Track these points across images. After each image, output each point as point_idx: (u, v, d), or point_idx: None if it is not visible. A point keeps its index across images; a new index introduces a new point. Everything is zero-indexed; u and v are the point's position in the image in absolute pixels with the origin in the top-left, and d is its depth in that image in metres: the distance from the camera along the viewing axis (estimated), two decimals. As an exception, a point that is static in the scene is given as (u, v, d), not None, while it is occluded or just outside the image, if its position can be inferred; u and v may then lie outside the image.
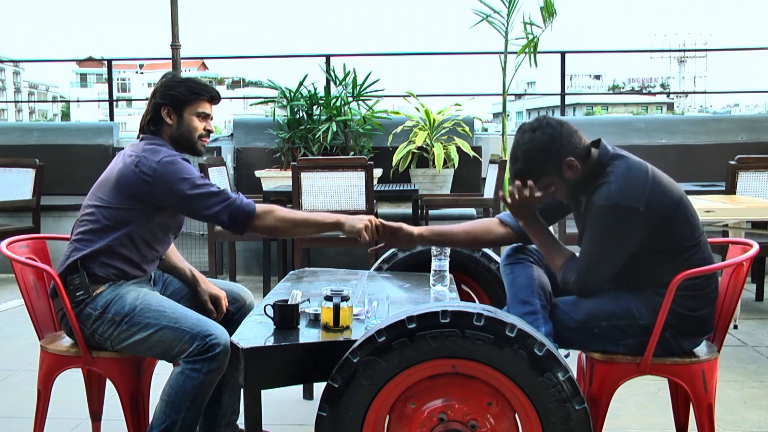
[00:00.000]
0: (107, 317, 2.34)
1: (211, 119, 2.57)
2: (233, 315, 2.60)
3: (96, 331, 2.35)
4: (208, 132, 2.56)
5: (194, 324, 2.29)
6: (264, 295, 3.91)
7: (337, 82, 6.65)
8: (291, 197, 4.89)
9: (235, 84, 60.46)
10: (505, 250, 2.57)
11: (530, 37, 6.13)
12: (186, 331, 2.28)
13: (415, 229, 2.59)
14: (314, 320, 2.24)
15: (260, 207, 2.43)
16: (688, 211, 2.26)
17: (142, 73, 66.08)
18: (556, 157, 2.24)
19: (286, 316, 2.17)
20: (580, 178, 2.27)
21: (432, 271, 2.47)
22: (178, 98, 2.48)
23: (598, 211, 2.19)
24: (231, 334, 2.19)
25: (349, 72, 6.57)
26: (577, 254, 2.30)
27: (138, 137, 2.53)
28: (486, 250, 3.02)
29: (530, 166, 2.27)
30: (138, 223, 2.40)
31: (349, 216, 2.52)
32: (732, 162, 4.89)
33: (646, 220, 2.17)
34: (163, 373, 2.55)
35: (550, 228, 2.47)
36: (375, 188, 5.05)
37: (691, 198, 4.46)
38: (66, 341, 2.46)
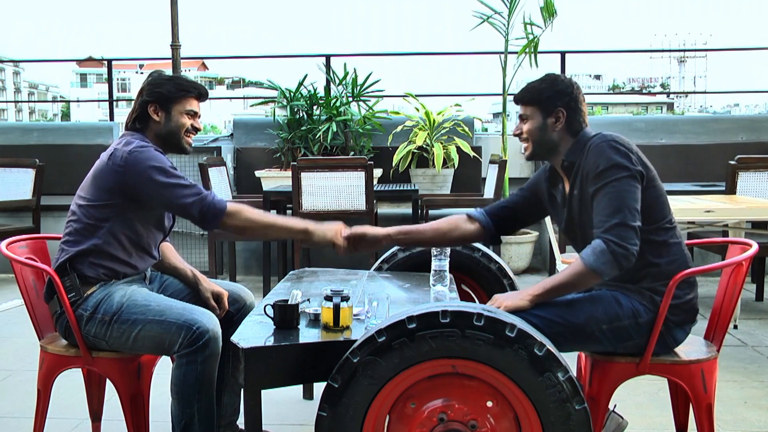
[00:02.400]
0: (98, 318, 2.34)
1: (199, 117, 2.57)
2: (234, 315, 2.60)
3: (89, 332, 2.36)
4: (195, 129, 2.55)
5: (179, 314, 2.30)
6: (264, 295, 3.91)
7: (337, 82, 6.66)
8: (291, 197, 4.89)
9: (235, 84, 60.43)
10: None
11: (530, 37, 6.13)
12: (172, 323, 2.29)
13: (381, 231, 2.57)
14: (314, 320, 2.24)
15: (231, 206, 2.41)
16: (661, 189, 2.28)
17: (142, 73, 65.94)
18: (556, 97, 2.31)
19: (286, 316, 2.17)
20: (552, 144, 2.33)
21: (432, 271, 2.47)
22: (166, 95, 2.48)
23: (593, 152, 2.22)
24: (231, 335, 2.20)
25: (348, 72, 6.57)
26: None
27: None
28: (486, 250, 3.02)
29: (538, 87, 2.35)
30: (117, 219, 2.40)
31: (319, 225, 2.49)
32: (732, 162, 4.89)
33: (638, 163, 2.20)
34: (163, 372, 2.55)
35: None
36: (375, 188, 5.05)
37: (691, 198, 4.49)
38: (65, 341, 2.46)
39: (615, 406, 2.45)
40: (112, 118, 7.87)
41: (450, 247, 2.56)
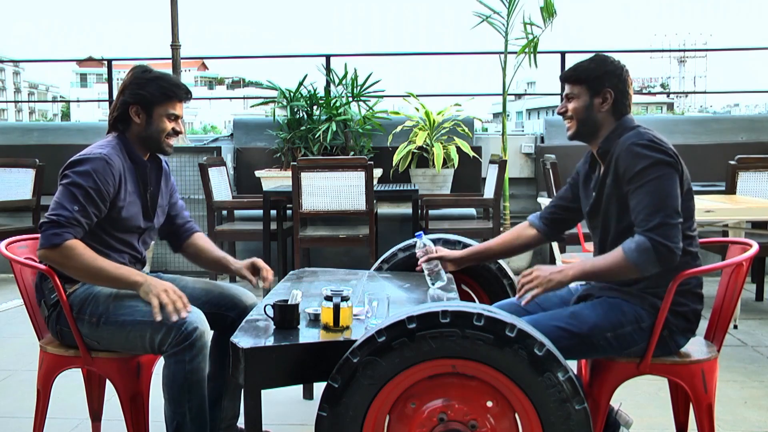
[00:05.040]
0: (85, 318, 2.34)
1: (180, 119, 2.54)
2: (234, 318, 2.58)
3: (80, 332, 2.35)
4: (176, 132, 2.52)
5: (167, 314, 2.28)
6: (264, 295, 3.90)
7: (337, 82, 6.65)
8: (291, 197, 4.89)
9: (235, 84, 60.34)
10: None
11: (530, 37, 6.13)
12: (161, 322, 2.26)
13: (457, 254, 2.65)
14: (314, 320, 2.24)
15: (67, 245, 2.27)
16: (690, 195, 2.25)
17: (142, 73, 65.77)
18: (606, 77, 2.31)
19: (286, 316, 2.17)
20: (597, 125, 2.32)
21: (426, 273, 2.47)
22: (148, 98, 2.44)
23: (629, 150, 2.18)
24: (231, 336, 2.19)
25: (348, 72, 6.57)
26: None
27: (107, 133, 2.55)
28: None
29: (588, 66, 2.33)
30: None
31: (150, 279, 2.35)
32: (732, 162, 4.89)
33: (675, 164, 2.17)
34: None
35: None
36: (375, 188, 5.05)
37: (691, 198, 4.48)
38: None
39: (621, 404, 2.46)
40: (112, 118, 7.87)
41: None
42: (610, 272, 2.20)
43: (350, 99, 6.57)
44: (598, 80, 2.31)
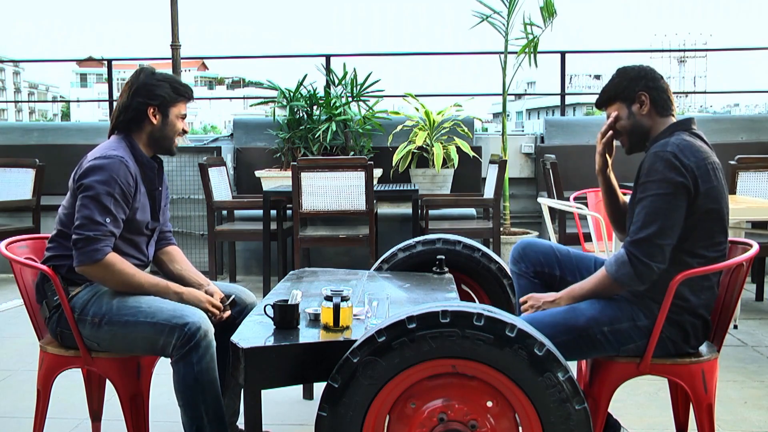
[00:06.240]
0: (87, 320, 2.34)
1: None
2: (235, 318, 2.58)
3: (81, 334, 2.35)
4: (184, 132, 2.58)
5: (171, 315, 2.29)
6: (264, 295, 3.90)
7: (337, 82, 6.65)
8: (291, 197, 4.89)
9: (235, 84, 60.30)
10: (511, 252, 2.62)
11: (530, 37, 6.13)
12: (164, 324, 2.27)
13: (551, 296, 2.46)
14: (314, 320, 2.24)
15: (107, 259, 2.32)
16: (716, 215, 2.22)
17: (142, 73, 65.68)
18: (633, 83, 2.34)
19: (286, 316, 2.17)
20: (645, 129, 2.34)
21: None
22: (167, 99, 2.48)
23: (649, 158, 2.21)
24: (232, 336, 2.19)
25: (348, 72, 6.56)
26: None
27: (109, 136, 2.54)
28: (486, 250, 3.02)
29: (613, 83, 2.40)
30: None
31: (189, 290, 2.47)
32: (732, 162, 4.89)
33: (685, 186, 2.15)
34: (162, 373, 2.55)
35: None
36: (375, 188, 5.05)
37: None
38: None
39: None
40: (112, 118, 7.86)
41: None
42: (596, 291, 2.28)
43: (350, 99, 6.56)
44: (627, 89, 2.35)
